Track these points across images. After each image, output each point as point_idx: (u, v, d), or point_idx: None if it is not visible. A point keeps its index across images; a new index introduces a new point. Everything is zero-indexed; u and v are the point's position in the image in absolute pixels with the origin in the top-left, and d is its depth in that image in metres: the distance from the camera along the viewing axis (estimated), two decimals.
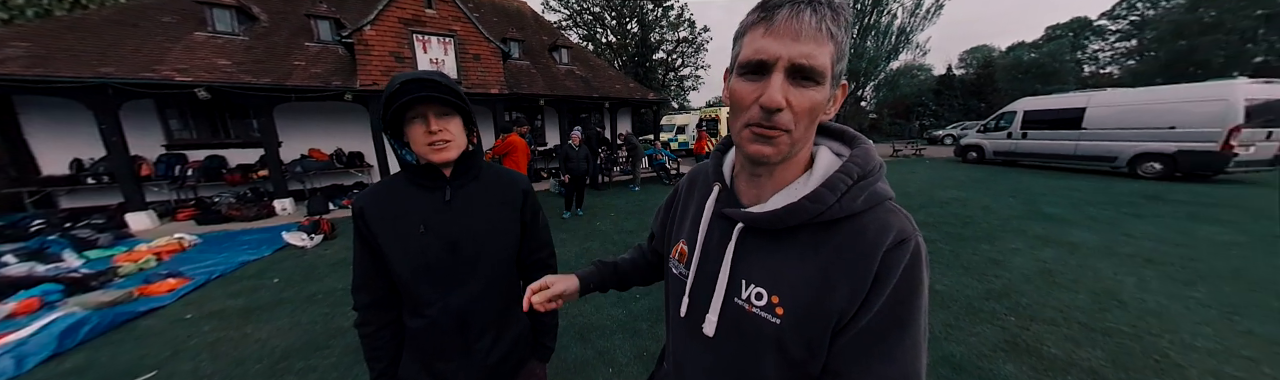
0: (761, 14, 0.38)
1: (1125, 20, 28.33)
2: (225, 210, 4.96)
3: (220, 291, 2.73)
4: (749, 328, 0.45)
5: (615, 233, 4.11)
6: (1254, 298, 2.33)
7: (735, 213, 0.46)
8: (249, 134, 6.17)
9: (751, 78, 0.39)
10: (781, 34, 0.36)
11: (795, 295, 0.42)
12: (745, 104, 0.39)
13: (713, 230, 0.51)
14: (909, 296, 0.40)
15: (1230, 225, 3.90)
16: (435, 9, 6.17)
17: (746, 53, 0.38)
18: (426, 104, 0.67)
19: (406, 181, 0.75)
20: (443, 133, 0.68)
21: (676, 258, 0.57)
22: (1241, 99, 5.85)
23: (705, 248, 0.51)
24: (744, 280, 0.46)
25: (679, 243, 0.57)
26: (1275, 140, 6.21)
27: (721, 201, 0.51)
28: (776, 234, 0.44)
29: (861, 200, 0.41)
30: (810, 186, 0.42)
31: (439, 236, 0.72)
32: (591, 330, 2.10)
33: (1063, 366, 1.71)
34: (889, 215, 0.42)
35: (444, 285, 0.73)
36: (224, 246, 3.74)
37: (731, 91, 0.41)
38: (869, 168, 0.42)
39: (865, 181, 0.42)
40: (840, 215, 0.41)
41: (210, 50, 5.44)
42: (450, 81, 0.70)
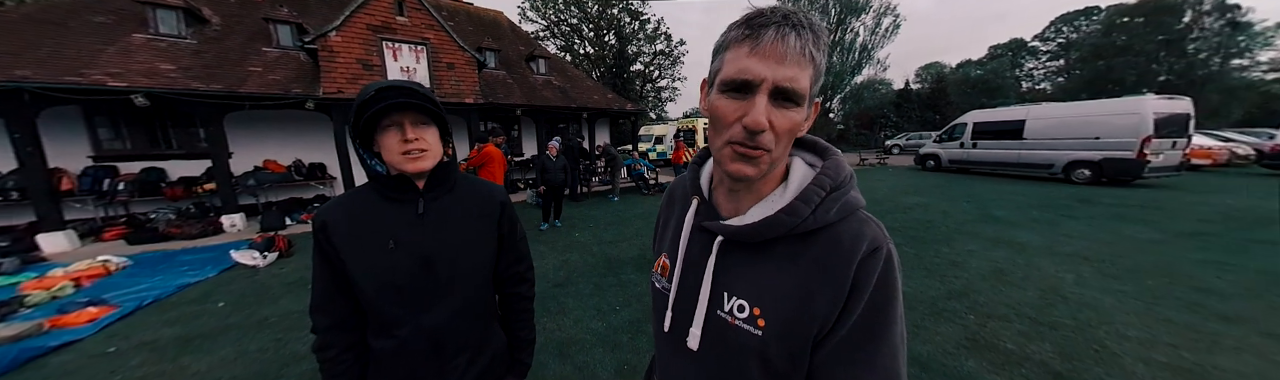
0: (746, 31, 0.38)
1: (1053, 42, 31.79)
2: (163, 228, 4.51)
3: (153, 319, 2.46)
4: (732, 340, 0.45)
5: (594, 244, 4.07)
6: (1172, 289, 2.60)
7: (714, 225, 0.47)
8: (195, 144, 5.71)
9: (734, 96, 0.39)
10: (766, 56, 0.36)
11: (776, 307, 0.43)
12: (727, 121, 0.39)
13: (693, 243, 0.51)
14: (884, 304, 0.41)
15: (1149, 224, 4.34)
16: (407, 16, 6.04)
17: (730, 70, 0.38)
18: (403, 111, 0.64)
19: (375, 194, 0.71)
20: (419, 141, 0.65)
21: (659, 272, 0.57)
22: (1151, 113, 6.64)
23: (686, 261, 0.51)
24: (726, 293, 0.46)
25: (660, 256, 0.58)
26: (1179, 149, 7.05)
27: (701, 214, 0.51)
28: (756, 246, 0.45)
29: (835, 211, 0.42)
30: (786, 199, 0.43)
31: (411, 252, 0.68)
32: (570, 345, 2.05)
33: (1018, 360, 1.83)
34: (862, 225, 0.43)
35: (416, 304, 0.68)
36: (159, 268, 3.39)
37: (713, 107, 0.41)
38: (840, 179, 0.43)
39: (837, 192, 0.43)
40: (816, 226, 0.42)
41: (151, 53, 5.05)
42: (428, 91, 0.68)
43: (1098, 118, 7.22)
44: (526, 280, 0.85)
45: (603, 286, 2.86)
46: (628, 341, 2.08)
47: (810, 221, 0.42)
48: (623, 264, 3.38)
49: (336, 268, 0.68)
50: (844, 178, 0.44)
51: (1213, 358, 1.82)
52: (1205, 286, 2.64)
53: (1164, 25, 20.20)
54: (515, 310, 0.84)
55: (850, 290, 0.40)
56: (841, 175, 0.44)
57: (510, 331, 0.83)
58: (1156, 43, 20.36)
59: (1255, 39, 19.52)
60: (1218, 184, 7.42)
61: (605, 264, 3.39)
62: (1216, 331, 2.06)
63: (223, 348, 2.10)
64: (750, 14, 0.38)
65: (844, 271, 0.40)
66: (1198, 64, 19.69)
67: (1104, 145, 7.13)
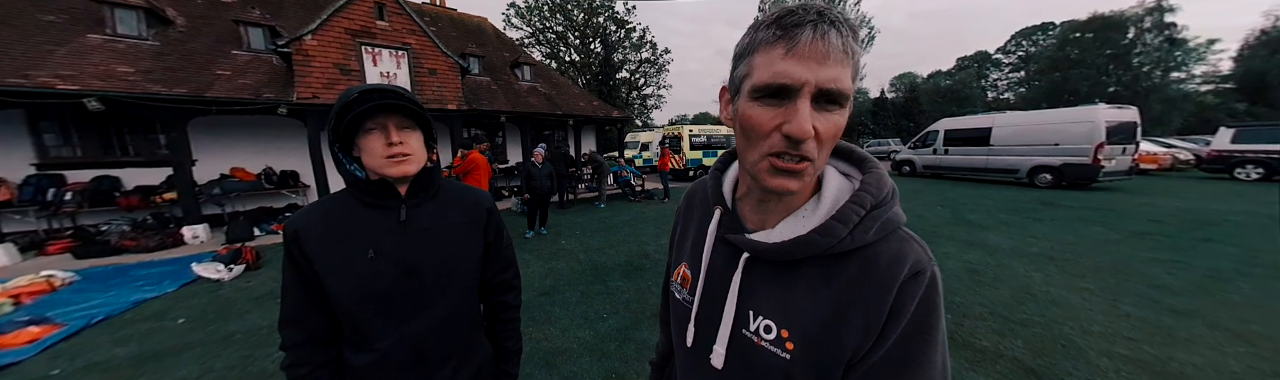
0: (778, 32, 0.34)
1: (1015, 55, 33.99)
2: (116, 240, 4.21)
3: (103, 338, 2.28)
4: (758, 361, 0.43)
5: (581, 251, 4.02)
6: (1129, 286, 2.76)
7: (741, 240, 0.44)
8: (154, 151, 5.40)
9: (770, 102, 0.35)
10: (806, 57, 0.33)
11: (805, 330, 0.40)
12: (763, 131, 0.36)
13: (717, 256, 0.48)
14: (925, 331, 0.37)
15: (1106, 225, 4.62)
16: (388, 21, 5.95)
17: (763, 75, 0.34)
18: (388, 114, 0.62)
19: (353, 200, 0.68)
20: (403, 145, 0.63)
21: (679, 281, 0.54)
22: (1103, 121, 7.13)
23: (709, 274, 0.48)
24: (752, 311, 0.43)
25: (681, 265, 0.54)
26: (1129, 155, 7.58)
27: (724, 226, 0.48)
28: (785, 264, 0.42)
29: (874, 231, 0.38)
30: (820, 216, 0.40)
31: (393, 261, 0.65)
32: (557, 354, 2.01)
33: (992, 357, 1.90)
34: (903, 245, 0.39)
35: (399, 315, 0.65)
36: (111, 284, 3.16)
37: (744, 117, 0.37)
38: (882, 196, 0.40)
39: (878, 211, 0.39)
40: (852, 247, 0.39)
41: (108, 55, 4.79)
42: (412, 95, 0.67)
43: (1056, 125, 7.70)
44: (513, 288, 0.83)
45: (590, 294, 2.83)
46: (615, 350, 2.05)
47: (847, 242, 0.38)
48: (610, 271, 3.35)
49: (310, 279, 0.64)
50: (886, 194, 0.40)
51: (1169, 350, 1.93)
52: (1159, 283, 2.82)
53: (1111, 40, 21.92)
54: (501, 319, 0.82)
55: (888, 315, 0.37)
56: (884, 191, 0.40)
57: (496, 341, 0.81)
58: (1105, 56, 22.05)
59: (1190, 54, 21.39)
60: (1164, 187, 7.99)
61: (592, 272, 3.35)
62: (1171, 325, 2.19)
63: (183, 367, 1.96)
64: (780, 13, 0.35)
65: (882, 296, 0.37)
66: (1142, 76, 21.38)
67: (1063, 151, 7.59)
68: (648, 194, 7.76)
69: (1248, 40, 22.11)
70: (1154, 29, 21.10)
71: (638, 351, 2.03)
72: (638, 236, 4.61)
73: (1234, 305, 2.43)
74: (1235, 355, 1.88)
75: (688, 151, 10.75)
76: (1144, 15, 21.10)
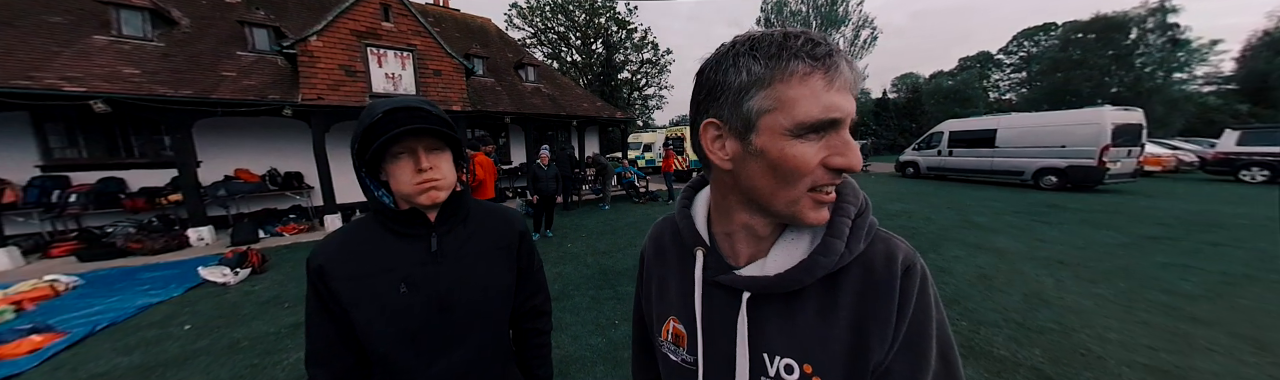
0: (814, 62, 0.32)
1: (1016, 55, 33.92)
2: (122, 242, 4.19)
3: (107, 346, 2.25)
4: None
5: (588, 254, 4.00)
6: (1143, 292, 2.73)
7: (736, 280, 0.40)
8: (159, 152, 5.38)
9: (810, 138, 0.33)
10: (843, 88, 0.32)
11: (830, 358, 0.38)
12: (808, 168, 0.33)
13: (712, 303, 0.43)
14: (926, 326, 0.37)
15: (1115, 229, 4.59)
16: (393, 22, 5.94)
17: (811, 109, 0.32)
18: (417, 137, 0.58)
19: (380, 228, 0.63)
20: (433, 171, 0.58)
21: (671, 340, 0.48)
22: (1109, 123, 7.10)
23: (707, 325, 0.44)
24: (767, 354, 0.40)
25: (669, 321, 0.48)
26: (1134, 157, 7.55)
27: (711, 268, 0.44)
28: (788, 295, 0.39)
29: (865, 238, 0.38)
30: (810, 234, 0.39)
31: (427, 295, 0.62)
32: (571, 363, 1.98)
33: (1011, 367, 1.86)
34: (887, 245, 0.39)
35: (430, 351, 0.62)
36: (117, 288, 3.13)
37: (785, 157, 0.33)
38: (862, 203, 0.39)
39: (861, 218, 0.39)
40: (848, 262, 0.38)
41: (113, 56, 4.78)
42: (439, 110, 0.62)
43: (1062, 127, 7.67)
44: (544, 314, 0.80)
45: (599, 299, 2.80)
46: (629, 358, 2.03)
47: (846, 256, 0.37)
48: (619, 275, 3.32)
49: (337, 315, 0.61)
50: (863, 200, 0.40)
51: (1189, 359, 1.90)
52: (1173, 289, 2.79)
53: (1113, 41, 21.86)
54: (532, 346, 0.78)
55: (897, 318, 0.37)
56: (861, 197, 0.40)
57: (526, 369, 0.78)
58: (1108, 57, 21.98)
59: (1193, 55, 21.33)
60: (1169, 189, 7.95)
61: (601, 276, 3.33)
62: (1189, 333, 2.16)
63: (192, 375, 1.93)
64: (801, 41, 0.32)
65: (889, 299, 0.37)
66: (1145, 77, 21.32)
67: (1069, 153, 7.56)
68: (652, 195, 7.74)
69: (1250, 41, 22.08)
70: (1156, 30, 21.06)
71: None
72: (644, 239, 4.58)
73: (1250, 311, 2.40)
74: (1257, 365, 1.85)
75: (691, 152, 10.74)
76: (1146, 16, 21.07)
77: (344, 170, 6.33)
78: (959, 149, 9.55)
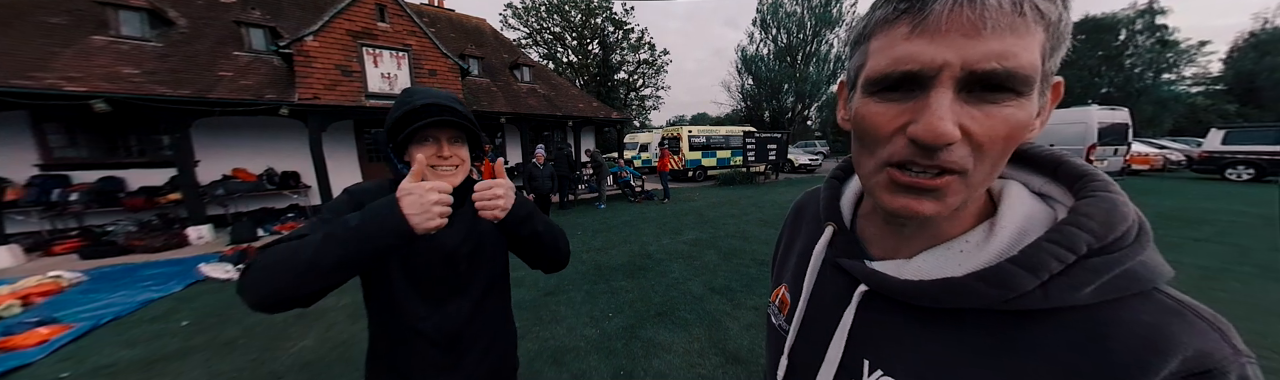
0: (901, 4, 0.24)
1: None
2: (123, 240, 4.22)
3: (111, 340, 2.30)
4: None
5: (583, 251, 4.06)
6: None
7: (857, 268, 0.34)
8: (157, 152, 5.41)
9: (891, 97, 0.26)
10: (946, 30, 0.23)
11: None
12: (882, 134, 0.26)
13: (825, 284, 0.38)
14: None
15: None
16: (389, 22, 5.99)
17: (880, 62, 0.25)
18: (441, 128, 0.67)
19: None
20: (453, 158, 0.69)
21: (777, 304, 0.45)
22: (1095, 122, 7.24)
23: (812, 304, 0.38)
24: (867, 362, 0.33)
25: (780, 287, 0.46)
26: (1120, 156, 7.69)
27: (837, 248, 0.38)
28: (932, 311, 0.30)
29: (1094, 288, 0.25)
30: (990, 253, 0.28)
31: (436, 246, 0.71)
32: (565, 352, 2.05)
33: None
34: (1169, 320, 0.25)
35: (437, 298, 0.72)
36: (119, 284, 3.17)
37: (858, 117, 0.28)
38: (1112, 234, 0.25)
39: (1104, 257, 0.25)
40: (1048, 306, 0.26)
41: (113, 57, 4.81)
42: (464, 106, 0.72)
43: (1050, 126, 7.80)
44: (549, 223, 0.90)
45: (594, 294, 2.87)
46: (623, 348, 2.09)
47: (1034, 298, 0.26)
48: (612, 271, 3.39)
49: None
50: (1122, 232, 0.26)
51: None
52: None
53: (1103, 42, 22.16)
54: None
55: None
56: (1116, 227, 0.25)
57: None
58: (1097, 58, 22.27)
59: (1181, 55, 21.65)
60: (1156, 187, 8.09)
61: (595, 271, 3.39)
62: None
63: (191, 370, 1.98)
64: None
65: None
66: (1134, 78, 21.62)
67: None
68: (648, 194, 7.81)
69: (1237, 42, 22.44)
70: (1145, 31, 21.36)
71: (645, 350, 2.07)
72: (639, 237, 4.66)
73: (1225, 303, 2.49)
74: None
75: (687, 152, 10.80)
76: (1135, 17, 21.37)
77: (340, 170, 6.37)
78: None
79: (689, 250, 3.99)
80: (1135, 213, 0.27)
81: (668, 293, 2.85)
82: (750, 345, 2.07)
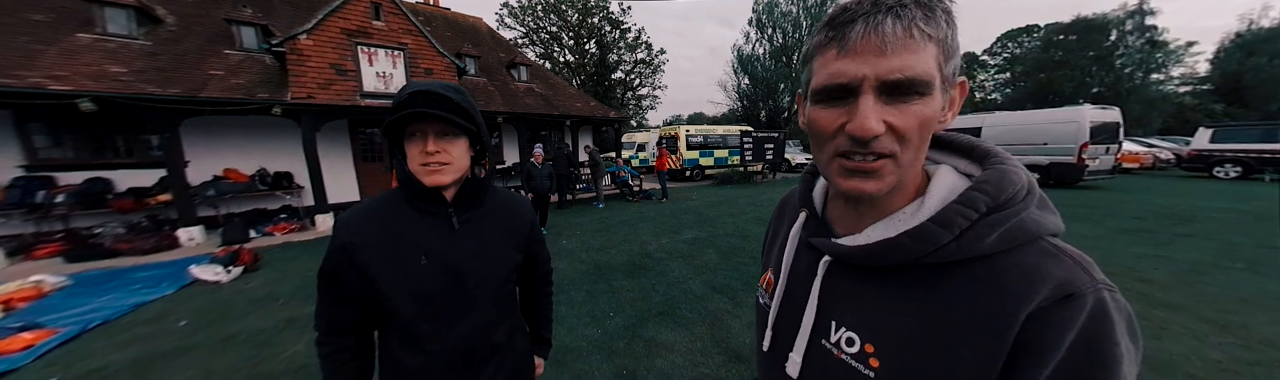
0: (830, 33, 0.32)
1: (1000, 56, 34.60)
2: (110, 243, 4.13)
3: (102, 343, 2.25)
4: (838, 374, 0.39)
5: (582, 251, 4.04)
6: (1118, 281, 2.83)
7: (821, 243, 0.41)
8: (146, 152, 5.30)
9: (831, 103, 0.33)
10: (861, 52, 0.30)
11: (895, 349, 0.35)
12: (828, 132, 0.34)
13: (799, 261, 0.46)
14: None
15: (1093, 222, 4.75)
16: (384, 20, 5.92)
17: (819, 78, 0.33)
18: (427, 121, 0.62)
19: (403, 204, 0.68)
20: (440, 154, 0.62)
21: (763, 287, 0.53)
22: (1088, 121, 7.32)
23: (790, 280, 0.46)
24: (833, 321, 0.40)
25: (767, 271, 0.54)
26: (1112, 154, 7.79)
27: (809, 229, 0.46)
28: (873, 272, 0.38)
29: (994, 238, 0.32)
30: (918, 218, 0.35)
31: (443, 266, 0.67)
32: (567, 353, 2.03)
33: None
34: (1044, 260, 0.32)
35: (448, 318, 0.68)
36: (107, 287, 3.10)
37: (810, 121, 0.35)
38: (1004, 195, 0.33)
39: (1000, 214, 0.32)
40: (961, 257, 0.33)
41: (99, 55, 4.71)
42: (465, 98, 0.66)
43: (1043, 125, 7.89)
44: (547, 281, 0.93)
45: (594, 293, 2.85)
46: (624, 347, 2.08)
47: (950, 250, 0.33)
48: (612, 270, 3.37)
49: (352, 290, 0.66)
50: (1012, 193, 0.33)
51: (1161, 342, 2.01)
52: (1147, 277, 2.92)
53: (1094, 42, 22.46)
54: (535, 300, 0.92)
55: (1017, 352, 0.30)
56: (1007, 189, 0.33)
57: (532, 316, 0.91)
58: (1088, 58, 22.58)
59: (1169, 56, 22.00)
60: (1146, 185, 8.22)
61: (595, 271, 3.37)
62: (1164, 318, 2.27)
63: (185, 370, 1.94)
64: (834, 11, 0.32)
65: (1001, 322, 0.30)
66: (1124, 77, 21.93)
67: (1050, 150, 7.77)
68: (646, 194, 7.79)
69: (1223, 43, 22.83)
70: (1135, 31, 21.68)
71: (646, 349, 2.06)
72: (638, 236, 4.64)
73: (1214, 297, 2.53)
74: (1220, 346, 1.96)
75: (685, 151, 10.80)
76: (1126, 18, 21.68)
77: (335, 170, 6.28)
78: None
79: (688, 249, 3.99)
80: (1026, 179, 0.35)
81: (668, 292, 2.84)
82: (753, 343, 2.07)
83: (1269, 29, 21.31)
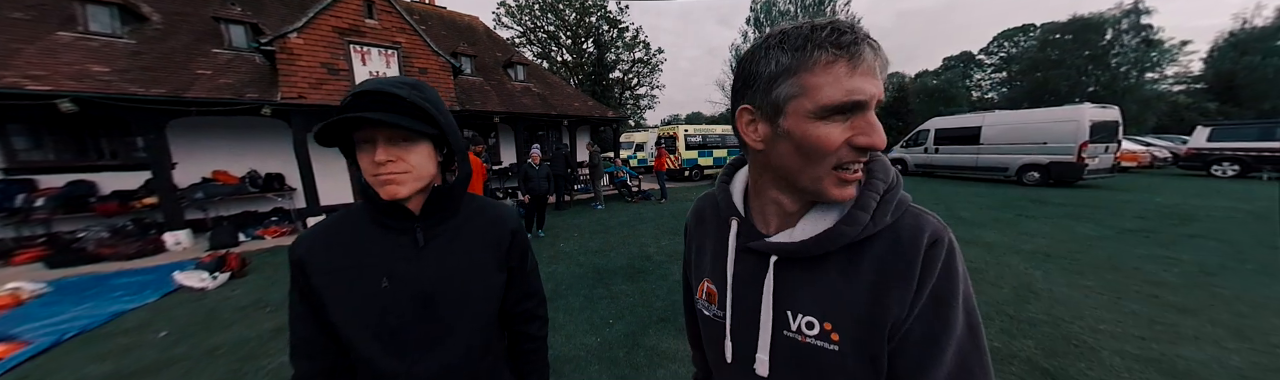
0: (837, 51, 0.35)
1: (996, 56, 34.69)
2: (93, 247, 4.01)
3: (79, 355, 2.14)
4: (808, 359, 0.43)
5: (580, 254, 3.95)
6: (1129, 283, 2.79)
7: (765, 246, 0.45)
8: (131, 154, 5.17)
9: (836, 119, 0.37)
10: (866, 72, 0.36)
11: (849, 318, 0.41)
12: (832, 147, 0.37)
13: (742, 266, 0.48)
14: (948, 294, 0.40)
15: (1096, 222, 4.71)
16: (377, 19, 5.80)
17: (834, 94, 0.36)
18: (374, 126, 0.52)
19: (366, 219, 0.60)
20: (393, 164, 0.53)
21: (705, 299, 0.54)
22: (1088, 120, 7.30)
23: (737, 285, 0.49)
24: (790, 311, 0.44)
25: (703, 282, 0.54)
26: (1111, 153, 7.77)
27: (743, 236, 0.48)
28: (813, 260, 0.43)
29: (891, 212, 0.41)
30: (839, 208, 0.42)
31: (409, 290, 0.58)
32: (565, 363, 1.94)
33: (1006, 358, 1.88)
34: (918, 219, 0.42)
35: (412, 351, 0.58)
36: (87, 295, 2.99)
37: (809, 137, 0.37)
38: (891, 179, 0.43)
39: (891, 193, 0.42)
40: (875, 231, 0.41)
41: (81, 54, 4.58)
42: (420, 96, 0.56)
43: (1043, 124, 7.86)
44: (537, 317, 0.74)
45: (593, 299, 2.76)
46: (625, 357, 2.00)
47: (869, 228, 0.40)
48: (612, 274, 3.29)
49: (319, 309, 0.58)
50: (893, 177, 0.43)
51: (1176, 347, 1.95)
52: (1156, 279, 2.86)
53: (1090, 42, 22.54)
54: (524, 350, 0.74)
55: (918, 283, 0.39)
56: (891, 175, 0.43)
57: (519, 374, 0.73)
58: (1084, 57, 22.67)
59: (1164, 55, 22.12)
60: (1145, 184, 8.22)
61: (594, 275, 3.29)
62: (1176, 322, 2.21)
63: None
64: (826, 32, 0.36)
65: (910, 267, 0.39)
66: (1120, 76, 22.03)
67: (1050, 150, 7.75)
68: (644, 194, 7.72)
69: (1217, 42, 22.97)
70: (1130, 30, 21.77)
71: (648, 358, 1.98)
72: (637, 238, 4.56)
73: (1227, 300, 2.47)
74: (1238, 351, 1.90)
75: (683, 151, 10.73)
76: (1121, 17, 21.76)
77: (328, 172, 6.16)
78: (945, 146, 9.72)
79: None
80: (889, 163, 0.44)
81: (670, 296, 2.75)
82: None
83: (1263, 28, 21.44)
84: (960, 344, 0.39)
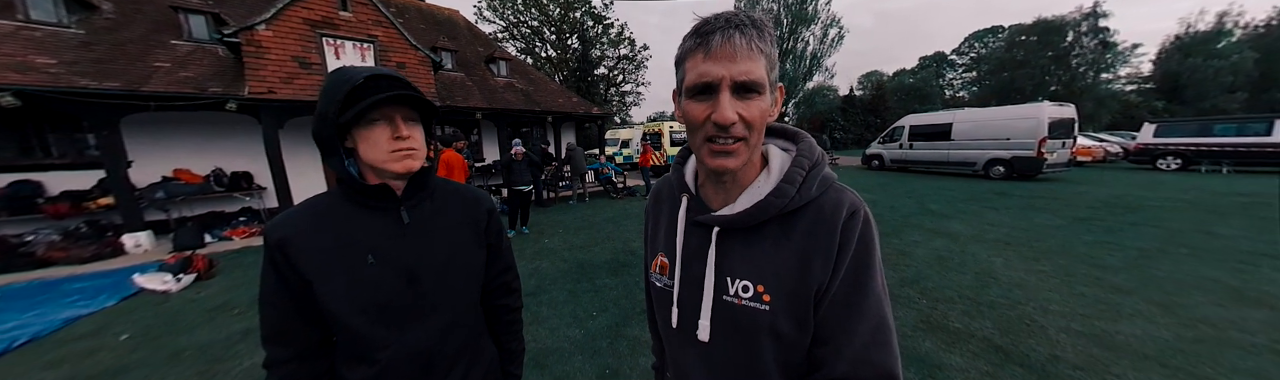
0: (697, 40, 0.41)
1: (967, 56, 36.11)
2: (42, 251, 3.77)
3: (29, 362, 2.04)
4: (743, 321, 0.47)
5: (564, 249, 3.97)
6: (1078, 267, 3.01)
7: (709, 218, 0.49)
8: (82, 152, 4.86)
9: (701, 98, 0.42)
10: (720, 58, 0.40)
11: (778, 280, 0.46)
12: (698, 122, 0.43)
13: (690, 238, 0.53)
14: (866, 259, 0.45)
15: (1052, 212, 5.02)
16: (351, 11, 5.60)
17: (691, 77, 0.42)
18: (397, 105, 0.58)
19: (346, 201, 0.62)
20: (411, 139, 0.59)
21: (658, 271, 0.58)
22: (1046, 117, 7.72)
23: (685, 255, 0.53)
24: (730, 277, 0.48)
25: (658, 256, 0.59)
26: (1067, 148, 8.26)
27: (693, 210, 0.53)
28: (750, 230, 0.48)
29: (816, 186, 0.46)
30: (772, 183, 0.47)
31: (394, 266, 0.61)
32: (548, 355, 1.97)
33: (965, 338, 2.02)
34: (840, 194, 0.47)
35: (400, 323, 0.61)
36: (36, 300, 2.83)
37: (684, 112, 0.44)
38: (815, 158, 0.48)
39: (815, 170, 0.47)
40: (802, 203, 0.46)
41: (23, 44, 4.27)
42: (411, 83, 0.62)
43: (1007, 121, 8.27)
44: (514, 291, 0.81)
45: (577, 293, 2.79)
46: (608, 347, 2.04)
47: (797, 199, 0.46)
48: (595, 269, 3.32)
49: (296, 290, 0.59)
50: (818, 156, 0.49)
51: (1115, 324, 2.13)
52: (1101, 263, 3.09)
53: (1052, 43, 23.74)
54: (503, 322, 0.79)
55: (838, 250, 0.45)
56: (816, 154, 0.49)
57: (499, 343, 0.78)
58: (1047, 58, 23.89)
59: (1118, 57, 23.51)
60: (1097, 177, 8.77)
61: (577, 270, 3.31)
62: (1116, 302, 2.41)
63: None
64: (697, 24, 0.42)
65: (831, 235, 0.45)
66: (1079, 76, 23.29)
67: (1013, 145, 8.17)
68: (629, 190, 7.75)
69: (1165, 45, 24.55)
70: (1089, 33, 23.01)
71: (630, 348, 2.02)
72: (621, 233, 4.60)
73: (1160, 281, 2.70)
74: (1167, 326, 2.09)
75: (669, 148, 10.80)
76: (1081, 20, 22.96)
77: (300, 169, 5.95)
78: (919, 142, 10.10)
79: None
80: (820, 147, 0.50)
81: None
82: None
83: (1205, 32, 23.03)
84: (875, 306, 0.44)
